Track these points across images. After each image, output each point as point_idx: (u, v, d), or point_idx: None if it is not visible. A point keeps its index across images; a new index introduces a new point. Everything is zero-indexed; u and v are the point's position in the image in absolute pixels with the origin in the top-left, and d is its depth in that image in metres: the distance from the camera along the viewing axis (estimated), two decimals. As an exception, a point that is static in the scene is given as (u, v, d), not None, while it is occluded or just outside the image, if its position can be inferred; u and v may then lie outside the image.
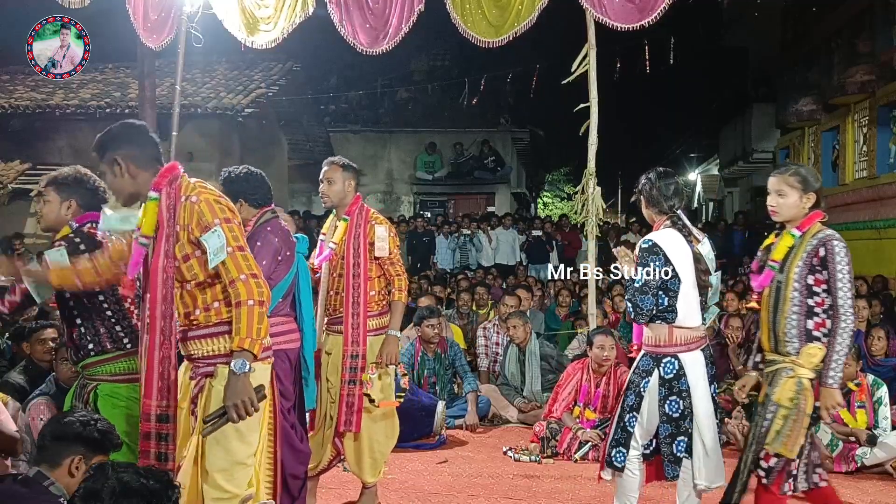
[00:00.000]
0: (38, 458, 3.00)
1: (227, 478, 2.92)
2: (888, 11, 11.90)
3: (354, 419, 4.32)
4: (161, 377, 2.94)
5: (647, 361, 3.70)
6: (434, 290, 10.13)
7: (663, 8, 6.16)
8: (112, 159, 3.02)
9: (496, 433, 6.75)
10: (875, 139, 12.42)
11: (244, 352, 2.82)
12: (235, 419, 2.83)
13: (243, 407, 2.81)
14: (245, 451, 2.96)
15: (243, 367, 2.81)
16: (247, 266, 2.88)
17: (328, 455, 4.48)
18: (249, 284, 2.85)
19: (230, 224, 2.91)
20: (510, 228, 14.96)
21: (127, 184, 3.03)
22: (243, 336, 2.81)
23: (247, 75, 15.13)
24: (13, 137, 13.64)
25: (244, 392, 2.81)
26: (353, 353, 4.32)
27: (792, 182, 3.52)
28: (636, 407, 3.70)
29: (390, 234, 4.44)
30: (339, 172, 4.42)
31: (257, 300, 2.85)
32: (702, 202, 28.19)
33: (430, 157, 19.52)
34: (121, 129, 3.10)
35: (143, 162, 3.03)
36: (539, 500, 4.91)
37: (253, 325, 2.83)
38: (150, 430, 2.95)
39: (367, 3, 7.00)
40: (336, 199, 4.43)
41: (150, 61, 9.53)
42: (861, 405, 5.59)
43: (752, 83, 19.10)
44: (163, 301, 2.94)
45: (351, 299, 4.33)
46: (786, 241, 3.53)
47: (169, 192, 2.98)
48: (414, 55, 20.18)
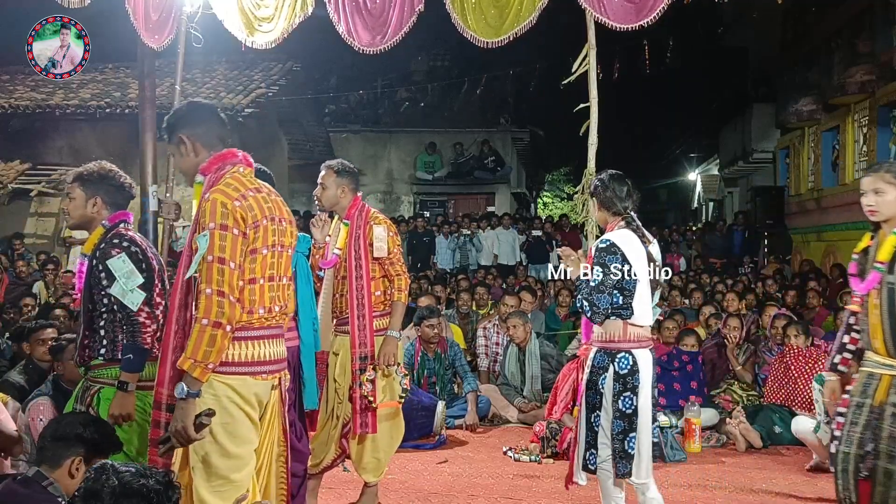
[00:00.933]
0: (38, 458, 3.00)
1: (209, 491, 2.81)
2: (888, 11, 11.89)
3: (370, 421, 4.32)
4: (173, 366, 2.81)
5: (602, 357, 3.72)
6: (434, 290, 10.13)
7: (663, 8, 6.15)
8: (179, 139, 3.00)
9: (496, 433, 6.75)
10: (875, 139, 12.41)
11: (186, 374, 2.68)
12: (177, 445, 2.73)
13: (178, 435, 2.69)
14: (228, 467, 2.81)
15: (181, 392, 2.68)
16: (218, 281, 2.70)
17: (332, 454, 4.48)
18: (212, 301, 2.68)
19: (225, 232, 2.74)
20: (510, 228, 14.96)
21: (192, 163, 3.00)
22: (187, 355, 2.67)
23: (247, 75, 15.13)
24: (13, 137, 13.65)
25: (180, 419, 2.68)
26: (362, 355, 4.32)
27: (889, 179, 3.46)
28: (598, 405, 3.71)
29: (389, 234, 4.43)
30: (332, 178, 4.41)
31: (213, 320, 2.67)
32: (702, 202, 28.16)
33: (430, 157, 19.51)
34: (187, 108, 3.09)
35: (208, 141, 2.99)
36: (539, 500, 4.91)
37: (200, 347, 2.66)
38: (161, 419, 2.85)
39: (366, 3, 7.00)
40: (328, 203, 4.42)
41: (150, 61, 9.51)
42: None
43: (752, 83, 19.09)
44: (180, 290, 2.87)
45: (356, 301, 4.33)
46: (892, 241, 3.45)
47: (211, 178, 2.92)
48: (414, 55, 20.17)
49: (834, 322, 7.98)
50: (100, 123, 13.53)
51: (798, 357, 6.53)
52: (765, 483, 5.30)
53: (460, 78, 19.50)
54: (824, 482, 5.32)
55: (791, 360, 6.55)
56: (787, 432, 6.10)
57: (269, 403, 2.94)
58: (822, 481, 5.34)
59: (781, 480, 5.36)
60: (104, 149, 12.90)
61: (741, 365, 7.04)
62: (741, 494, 5.09)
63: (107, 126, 13.46)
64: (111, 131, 13.29)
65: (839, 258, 13.11)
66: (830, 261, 13.28)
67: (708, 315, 8.18)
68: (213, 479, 2.80)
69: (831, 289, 10.67)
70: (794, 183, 15.94)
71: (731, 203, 22.45)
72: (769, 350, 7.13)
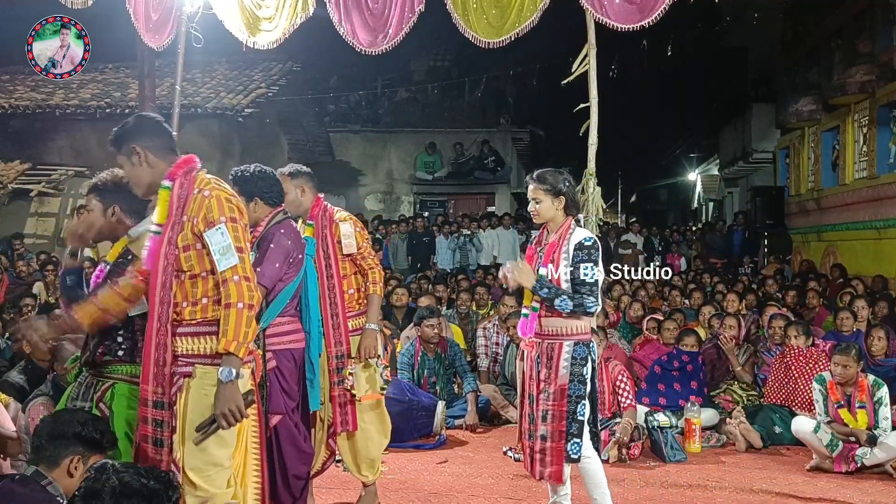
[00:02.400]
0: (36, 457, 2.98)
1: (204, 478, 2.91)
2: (888, 11, 11.88)
3: (350, 418, 4.33)
4: (156, 363, 2.95)
5: (582, 349, 3.86)
6: (436, 289, 10.13)
7: (664, 8, 6.16)
8: (131, 149, 3.09)
9: (496, 433, 6.75)
10: (875, 139, 12.40)
11: (230, 355, 2.83)
12: (225, 427, 2.85)
13: (231, 415, 2.83)
14: (222, 454, 2.94)
15: (230, 375, 2.82)
16: (242, 268, 2.88)
17: (322, 457, 4.48)
18: (241, 287, 2.86)
19: (235, 224, 2.93)
20: (510, 228, 14.95)
21: (145, 173, 3.10)
22: (230, 339, 2.82)
23: (247, 75, 15.14)
24: (13, 137, 13.65)
25: (232, 400, 2.83)
26: (338, 354, 4.32)
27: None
28: (583, 395, 3.85)
29: (356, 229, 4.42)
30: (287, 182, 4.32)
31: (247, 303, 2.85)
32: (702, 202, 28.16)
33: (430, 157, 19.51)
34: (138, 120, 3.19)
35: (160, 152, 3.10)
36: (539, 500, 4.91)
37: (241, 329, 2.83)
38: (147, 415, 2.99)
39: (366, 3, 7.00)
40: (291, 208, 4.31)
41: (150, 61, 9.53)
42: (861, 405, 5.58)
43: (752, 83, 19.08)
44: (162, 287, 2.96)
45: (328, 301, 4.31)
46: None
47: (183, 182, 3.03)
48: (414, 55, 20.16)
49: (834, 322, 7.98)
50: (100, 123, 13.53)
51: (798, 357, 6.53)
52: (765, 483, 5.30)
53: (460, 78, 19.52)
54: (824, 482, 5.33)
55: (791, 361, 6.55)
56: (787, 432, 6.10)
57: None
58: (823, 481, 5.35)
59: (781, 480, 5.36)
60: (104, 149, 12.85)
61: (741, 365, 7.04)
62: (741, 494, 5.09)
63: (107, 126, 13.25)
64: (111, 131, 13.26)
65: (839, 258, 13.12)
66: (830, 261, 13.29)
67: (709, 316, 8.18)
68: (210, 467, 2.91)
69: (831, 289, 10.67)
70: (794, 183, 15.94)
71: (731, 203, 22.45)
72: (768, 350, 7.13)
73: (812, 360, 6.46)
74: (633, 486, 5.09)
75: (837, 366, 5.60)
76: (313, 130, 18.22)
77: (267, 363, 3.78)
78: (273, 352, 3.85)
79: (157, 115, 3.32)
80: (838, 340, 7.30)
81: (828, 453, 5.51)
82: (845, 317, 7.62)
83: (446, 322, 8.05)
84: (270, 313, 3.84)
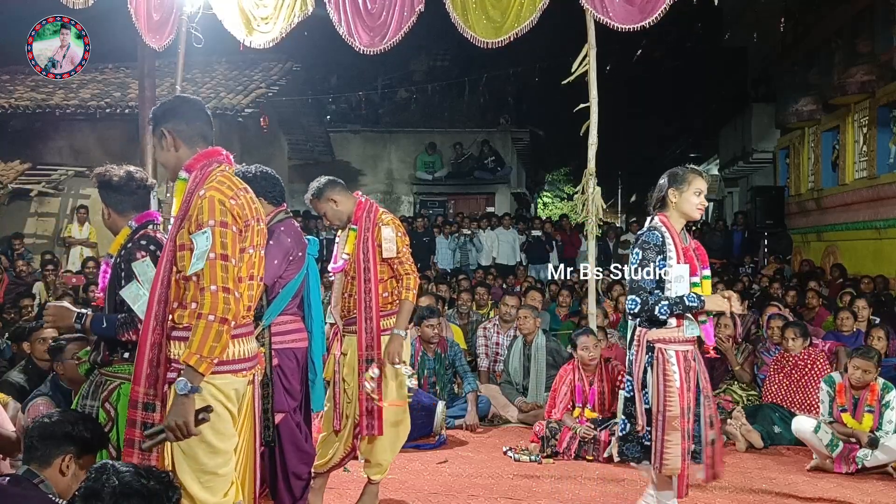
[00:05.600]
0: (27, 457, 2.98)
1: (199, 487, 2.82)
2: (888, 11, 11.89)
3: (376, 423, 4.32)
4: (150, 363, 2.82)
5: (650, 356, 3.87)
6: (435, 289, 10.13)
7: (664, 9, 6.16)
8: (161, 132, 3.01)
9: (496, 433, 6.75)
10: (875, 139, 12.41)
11: (189, 369, 2.67)
12: (172, 440, 2.72)
13: (178, 430, 2.68)
14: (215, 462, 2.83)
15: (185, 388, 2.67)
16: (223, 278, 2.71)
17: (341, 452, 4.47)
18: (217, 298, 2.69)
19: (225, 229, 2.76)
20: (510, 228, 14.96)
21: (171, 158, 3.00)
22: (192, 351, 2.66)
23: (247, 75, 15.12)
24: (13, 137, 13.64)
25: (182, 414, 2.67)
26: (369, 358, 4.32)
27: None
28: None
29: (398, 234, 4.44)
30: (316, 203, 4.48)
31: (219, 316, 2.68)
32: (702, 202, 28.12)
33: (430, 157, 19.50)
34: (173, 102, 3.09)
35: (188, 137, 2.99)
36: (539, 500, 4.91)
37: (206, 342, 2.66)
38: (136, 419, 2.85)
39: (366, 2, 7.00)
40: (336, 222, 4.48)
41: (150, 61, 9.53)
42: (870, 409, 5.54)
43: (752, 83, 19.08)
44: (160, 285, 2.85)
45: (363, 303, 4.33)
46: None
47: (197, 176, 2.90)
48: (414, 55, 20.16)
49: (834, 322, 7.98)
50: (100, 123, 13.53)
51: (796, 359, 6.52)
52: (765, 483, 5.30)
53: (460, 78, 19.50)
54: (824, 482, 5.33)
55: (789, 362, 6.55)
56: (787, 432, 6.10)
57: (245, 398, 2.96)
58: (823, 481, 5.35)
59: (781, 480, 5.36)
60: (104, 149, 12.91)
61: (740, 365, 7.04)
62: (741, 494, 5.08)
63: (107, 126, 13.46)
64: (111, 131, 13.29)
65: (839, 258, 13.12)
66: (830, 261, 13.29)
67: (709, 316, 8.16)
68: (202, 475, 2.82)
69: (831, 289, 10.67)
70: (794, 183, 15.94)
71: (731, 203, 22.43)
72: (767, 350, 7.12)
73: (810, 361, 6.46)
74: (633, 485, 5.08)
75: (857, 370, 5.51)
76: (313, 130, 18.22)
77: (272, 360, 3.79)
78: (275, 350, 3.85)
79: (196, 98, 3.20)
80: (838, 340, 7.31)
81: (828, 453, 5.50)
82: (845, 317, 7.61)
83: (446, 322, 8.05)
84: (272, 311, 3.85)
